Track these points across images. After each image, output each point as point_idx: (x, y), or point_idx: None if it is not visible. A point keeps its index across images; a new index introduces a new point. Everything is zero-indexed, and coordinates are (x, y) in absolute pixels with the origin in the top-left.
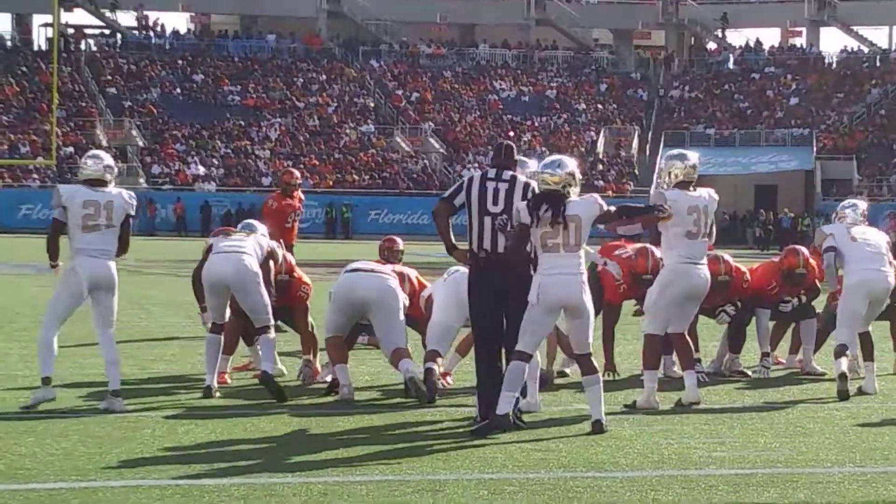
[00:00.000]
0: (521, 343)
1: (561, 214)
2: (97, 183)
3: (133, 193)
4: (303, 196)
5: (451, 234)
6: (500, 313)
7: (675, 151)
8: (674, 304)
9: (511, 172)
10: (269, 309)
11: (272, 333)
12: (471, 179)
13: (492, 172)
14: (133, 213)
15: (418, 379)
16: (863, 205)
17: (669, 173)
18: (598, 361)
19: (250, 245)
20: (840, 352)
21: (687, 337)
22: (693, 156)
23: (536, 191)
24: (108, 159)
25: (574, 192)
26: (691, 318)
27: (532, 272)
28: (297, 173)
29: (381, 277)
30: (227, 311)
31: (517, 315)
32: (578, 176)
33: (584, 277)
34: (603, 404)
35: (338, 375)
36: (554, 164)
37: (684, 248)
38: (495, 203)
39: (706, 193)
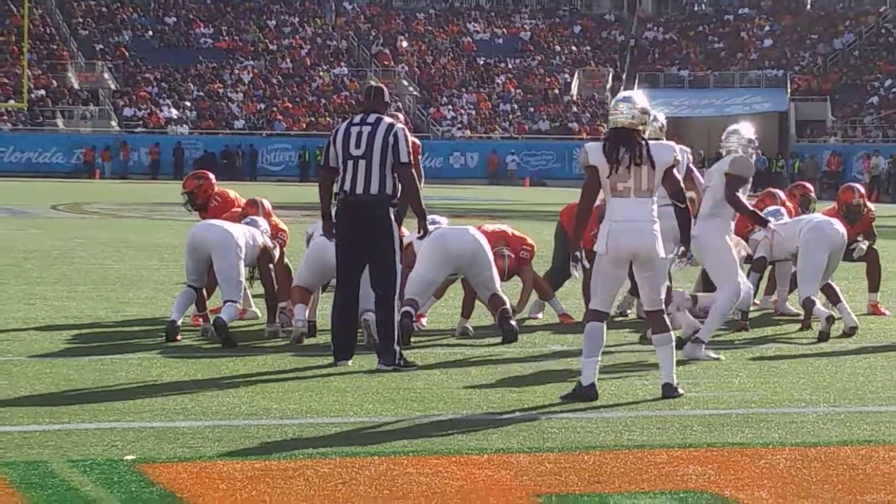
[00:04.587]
0: (593, 301)
1: (639, 156)
2: None
3: None
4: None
5: (331, 204)
6: (361, 253)
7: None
8: None
9: (377, 115)
10: (241, 290)
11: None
12: (337, 129)
13: (357, 118)
14: None
15: (371, 323)
16: (784, 210)
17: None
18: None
19: (241, 227)
20: (809, 304)
21: None
22: (660, 116)
23: (400, 133)
24: None
25: (647, 132)
26: None
27: (389, 214)
28: None
29: None
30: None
31: (375, 256)
32: (652, 114)
33: (657, 226)
34: (674, 367)
35: (295, 312)
36: (627, 101)
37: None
38: (357, 146)
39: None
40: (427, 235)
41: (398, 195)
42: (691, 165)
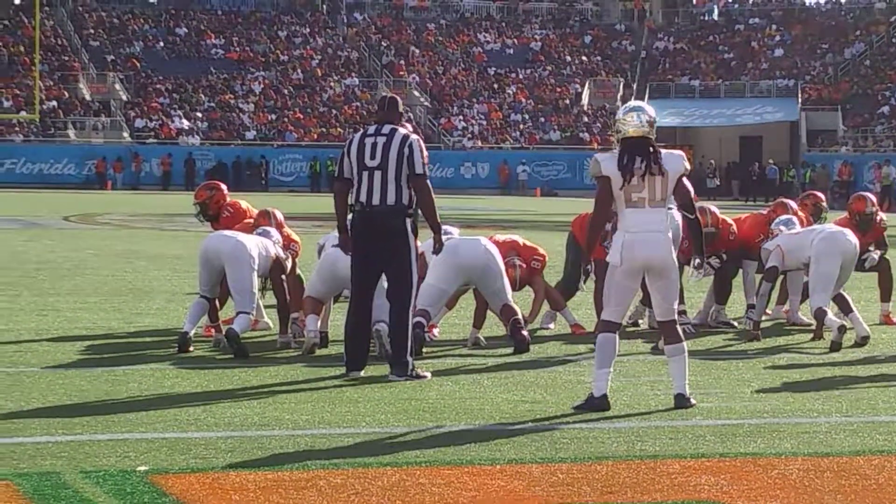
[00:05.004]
0: (606, 311)
1: (655, 165)
2: None
3: None
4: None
5: (347, 216)
6: (377, 265)
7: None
8: None
9: (392, 126)
10: (254, 301)
11: (243, 319)
12: (351, 140)
13: (372, 128)
14: None
15: (383, 333)
16: (796, 219)
17: None
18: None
19: (255, 238)
20: (821, 314)
21: None
22: None
23: (415, 144)
24: None
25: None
26: None
27: (406, 225)
28: None
29: None
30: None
31: (391, 267)
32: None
33: (670, 235)
34: (687, 377)
35: (307, 323)
36: (637, 111)
37: None
38: (372, 157)
39: None
40: (441, 249)
41: (414, 206)
42: None
